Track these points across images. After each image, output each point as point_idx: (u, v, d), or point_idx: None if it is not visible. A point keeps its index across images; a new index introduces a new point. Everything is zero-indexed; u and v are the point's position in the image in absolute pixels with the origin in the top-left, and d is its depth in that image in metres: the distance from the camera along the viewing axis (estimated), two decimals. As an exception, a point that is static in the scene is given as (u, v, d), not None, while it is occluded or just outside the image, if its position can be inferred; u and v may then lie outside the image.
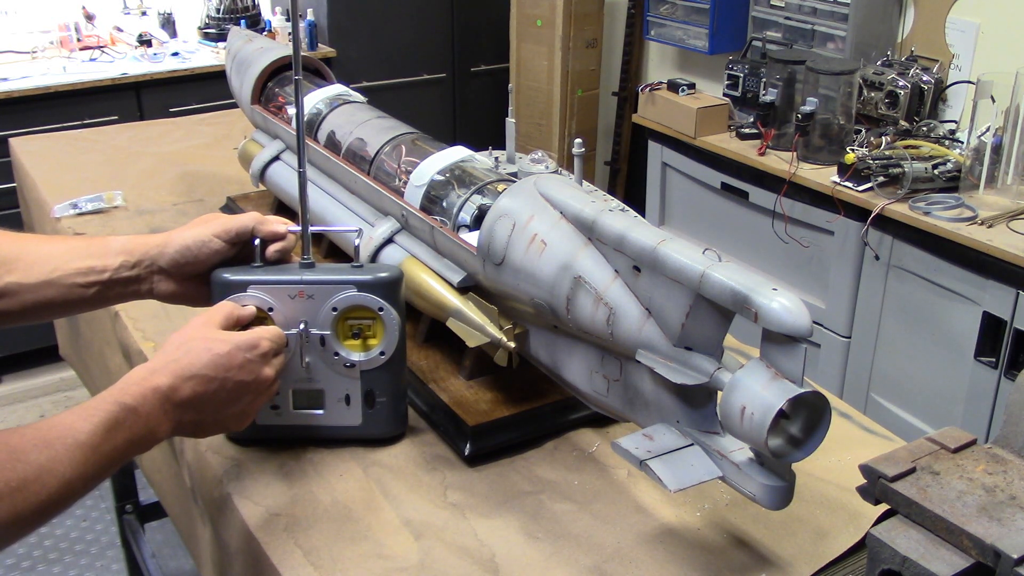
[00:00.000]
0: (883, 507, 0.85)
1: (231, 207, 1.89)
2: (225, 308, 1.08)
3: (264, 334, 1.05)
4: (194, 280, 1.15)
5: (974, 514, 0.79)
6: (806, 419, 0.87)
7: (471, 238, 1.20)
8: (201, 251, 1.13)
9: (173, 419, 0.98)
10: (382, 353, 1.14)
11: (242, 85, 1.85)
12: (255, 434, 1.19)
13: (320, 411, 1.17)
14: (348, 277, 1.12)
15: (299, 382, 1.16)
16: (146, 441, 0.95)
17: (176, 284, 1.15)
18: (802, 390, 0.83)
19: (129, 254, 1.13)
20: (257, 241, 1.14)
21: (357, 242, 1.19)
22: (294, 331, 1.12)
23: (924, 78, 2.83)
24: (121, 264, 1.12)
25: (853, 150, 2.67)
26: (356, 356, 1.14)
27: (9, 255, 1.11)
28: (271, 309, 1.11)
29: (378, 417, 1.18)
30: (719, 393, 0.89)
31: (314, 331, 1.13)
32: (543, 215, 1.06)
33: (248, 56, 1.86)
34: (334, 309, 1.12)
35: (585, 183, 1.38)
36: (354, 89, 1.74)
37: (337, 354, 1.14)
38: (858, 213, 2.64)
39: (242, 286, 1.11)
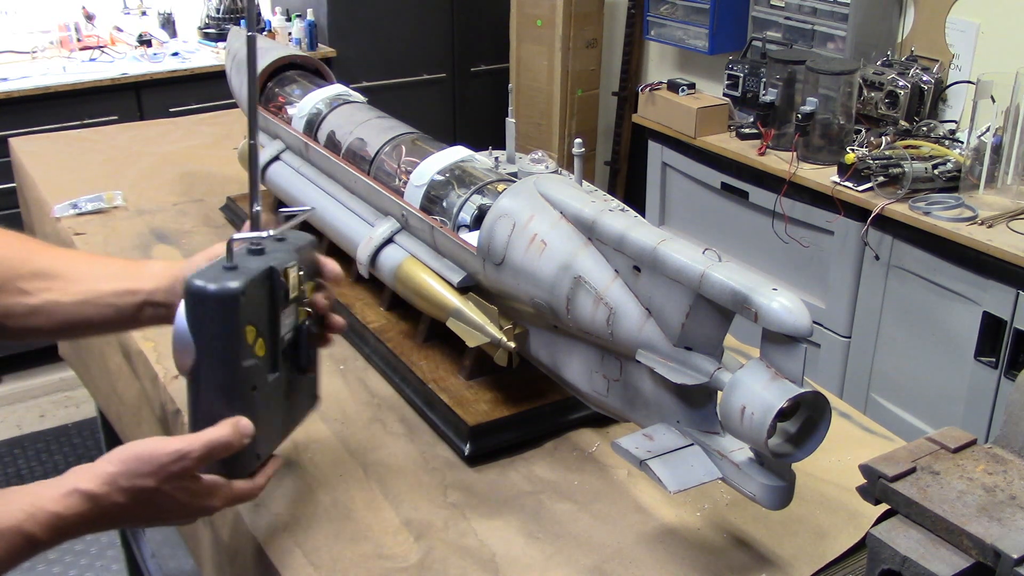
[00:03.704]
0: (883, 507, 0.85)
1: (231, 207, 1.89)
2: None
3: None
4: None
5: (974, 514, 0.79)
6: (806, 419, 0.87)
7: (471, 238, 1.20)
8: None
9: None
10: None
11: (242, 85, 1.85)
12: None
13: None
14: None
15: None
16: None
17: None
18: (802, 390, 0.83)
19: (161, 279, 1.10)
20: (235, 236, 1.05)
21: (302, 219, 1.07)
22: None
23: (924, 78, 2.83)
24: (155, 288, 1.10)
25: (853, 150, 2.67)
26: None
27: (50, 271, 1.09)
28: None
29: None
30: (719, 393, 0.89)
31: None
32: (543, 215, 1.06)
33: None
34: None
35: (585, 183, 1.38)
36: (354, 89, 1.74)
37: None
38: (858, 213, 2.64)
39: None
